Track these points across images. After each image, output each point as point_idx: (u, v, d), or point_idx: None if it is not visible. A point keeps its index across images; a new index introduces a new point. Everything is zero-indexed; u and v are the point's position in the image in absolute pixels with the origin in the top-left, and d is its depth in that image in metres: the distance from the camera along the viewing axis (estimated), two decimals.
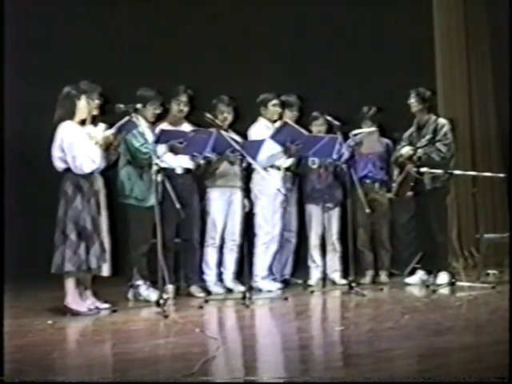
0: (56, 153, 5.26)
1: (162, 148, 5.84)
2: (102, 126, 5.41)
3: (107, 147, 5.34)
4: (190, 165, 6.20)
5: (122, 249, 5.84)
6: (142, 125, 5.87)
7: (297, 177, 6.87)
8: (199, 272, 6.36)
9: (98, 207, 5.33)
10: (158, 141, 5.74)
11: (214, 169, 6.32)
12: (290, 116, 6.69)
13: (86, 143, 5.25)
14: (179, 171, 6.17)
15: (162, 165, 5.86)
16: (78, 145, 5.21)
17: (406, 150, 6.51)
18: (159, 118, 6.18)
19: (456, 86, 8.05)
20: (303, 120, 6.83)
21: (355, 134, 6.52)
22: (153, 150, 5.58)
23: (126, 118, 5.31)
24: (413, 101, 6.51)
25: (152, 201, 5.62)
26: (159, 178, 5.46)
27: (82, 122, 5.37)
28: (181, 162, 6.13)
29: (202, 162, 6.21)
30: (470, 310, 5.43)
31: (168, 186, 5.70)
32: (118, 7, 7.63)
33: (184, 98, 6.23)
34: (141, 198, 5.81)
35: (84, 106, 5.32)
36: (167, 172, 5.92)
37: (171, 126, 6.19)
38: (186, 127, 6.19)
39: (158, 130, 5.97)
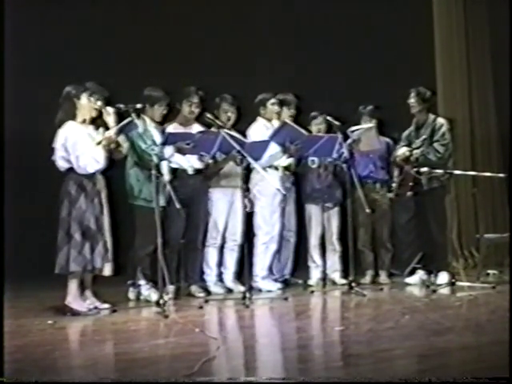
0: (59, 152, 5.25)
1: (169, 149, 5.86)
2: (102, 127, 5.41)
3: (109, 148, 5.34)
4: (200, 165, 6.20)
5: (122, 248, 5.83)
6: (149, 125, 5.87)
7: (296, 176, 6.87)
8: (199, 272, 6.36)
9: (100, 207, 5.33)
10: (165, 142, 5.75)
11: (219, 169, 6.32)
12: (288, 114, 6.68)
13: (89, 143, 5.25)
14: (190, 172, 6.17)
15: (172, 165, 5.91)
16: (82, 145, 5.20)
17: (402, 151, 6.49)
18: (165, 118, 6.18)
19: (456, 86, 8.05)
20: (303, 120, 6.82)
21: (353, 131, 6.49)
22: (159, 151, 5.57)
23: (129, 119, 5.31)
24: (413, 101, 6.47)
25: (161, 201, 5.64)
26: (165, 178, 5.47)
27: (84, 122, 5.37)
28: (192, 163, 6.13)
29: (210, 161, 6.21)
30: (470, 310, 5.42)
31: (168, 186, 5.69)
32: (118, 7, 7.63)
33: (196, 100, 6.21)
34: (150, 199, 5.75)
35: (85, 105, 5.30)
36: (178, 173, 6.00)
37: (181, 126, 6.18)
38: (196, 128, 6.18)
39: (167, 130, 6.00)
